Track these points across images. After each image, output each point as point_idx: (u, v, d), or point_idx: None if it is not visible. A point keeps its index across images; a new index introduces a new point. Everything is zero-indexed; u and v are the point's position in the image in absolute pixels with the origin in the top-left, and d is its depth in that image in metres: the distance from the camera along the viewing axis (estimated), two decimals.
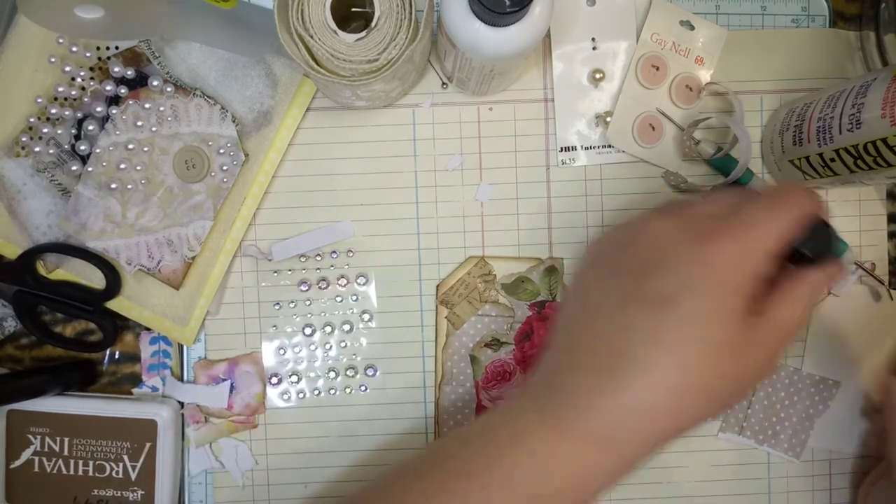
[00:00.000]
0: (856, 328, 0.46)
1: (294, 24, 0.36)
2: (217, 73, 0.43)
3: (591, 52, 0.45)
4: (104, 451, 0.44)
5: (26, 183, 0.42)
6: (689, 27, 0.45)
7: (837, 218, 0.46)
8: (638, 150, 0.45)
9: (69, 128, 0.42)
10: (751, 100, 0.46)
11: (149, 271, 0.43)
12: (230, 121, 0.42)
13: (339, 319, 0.45)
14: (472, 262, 0.45)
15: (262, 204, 0.45)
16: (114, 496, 0.44)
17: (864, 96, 0.37)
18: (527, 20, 0.34)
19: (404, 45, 0.37)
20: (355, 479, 0.45)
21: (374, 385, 0.45)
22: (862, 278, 0.46)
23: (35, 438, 0.44)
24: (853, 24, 0.47)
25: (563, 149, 0.45)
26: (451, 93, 0.45)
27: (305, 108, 0.44)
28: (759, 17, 0.46)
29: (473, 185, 0.45)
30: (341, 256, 0.45)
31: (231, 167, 0.43)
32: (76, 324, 0.46)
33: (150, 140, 0.42)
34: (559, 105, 0.45)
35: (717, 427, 0.46)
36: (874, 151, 0.36)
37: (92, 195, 0.42)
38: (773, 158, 0.45)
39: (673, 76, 0.45)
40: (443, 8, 0.36)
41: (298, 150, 0.45)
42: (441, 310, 0.45)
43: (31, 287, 0.43)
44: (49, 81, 0.42)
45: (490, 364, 0.45)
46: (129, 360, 0.46)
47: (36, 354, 0.46)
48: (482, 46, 0.35)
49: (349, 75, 0.37)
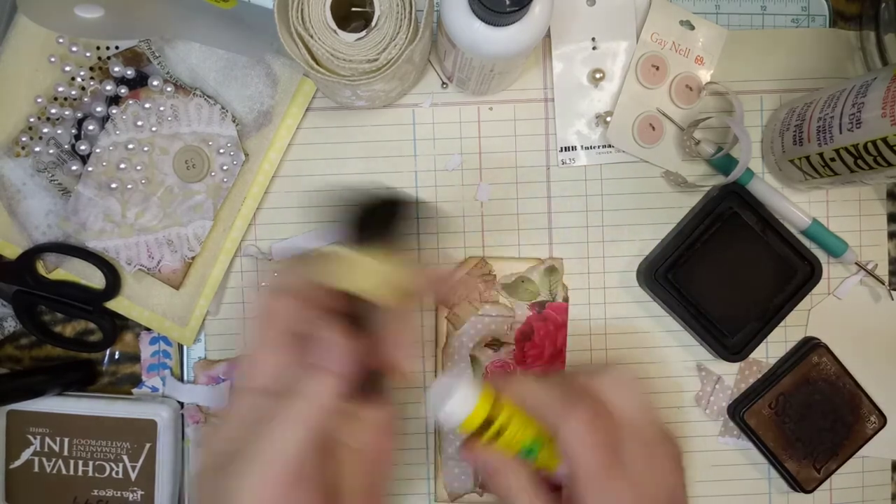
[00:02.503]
0: (856, 328, 0.46)
1: (294, 23, 0.36)
2: (217, 73, 0.43)
3: (591, 51, 0.45)
4: (104, 451, 0.44)
5: (26, 183, 0.42)
6: (689, 27, 0.45)
7: (837, 218, 0.46)
8: (638, 150, 0.45)
9: (69, 128, 0.42)
10: (751, 100, 0.46)
11: (149, 271, 0.43)
12: (230, 121, 0.42)
13: None
14: (472, 262, 0.45)
15: (262, 204, 0.45)
16: (114, 496, 0.44)
17: (865, 96, 0.37)
18: (527, 20, 0.34)
19: (404, 44, 0.37)
20: None
21: None
22: (863, 279, 0.46)
23: (35, 438, 0.44)
24: (853, 24, 0.47)
25: (563, 149, 0.45)
26: (451, 93, 0.45)
27: (305, 108, 0.44)
28: (759, 17, 0.46)
29: (473, 185, 0.45)
30: None
31: (231, 167, 0.43)
32: (76, 324, 0.46)
33: (150, 140, 0.42)
34: (559, 105, 0.45)
35: (717, 429, 0.46)
36: (874, 151, 0.36)
37: (92, 195, 0.42)
38: (773, 158, 0.45)
39: (673, 76, 0.45)
40: (443, 8, 0.36)
41: (298, 150, 0.45)
42: (441, 310, 0.45)
43: (30, 287, 0.43)
44: (49, 81, 0.42)
45: (490, 364, 0.45)
46: (129, 360, 0.46)
47: (36, 354, 0.46)
48: (482, 46, 0.35)
49: (349, 75, 0.37)
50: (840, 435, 0.45)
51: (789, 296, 0.44)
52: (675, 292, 0.44)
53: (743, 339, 0.45)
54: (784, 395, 0.45)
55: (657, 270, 0.44)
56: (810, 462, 0.45)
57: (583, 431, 0.33)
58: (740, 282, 0.44)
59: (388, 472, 0.38)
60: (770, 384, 0.45)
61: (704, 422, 0.46)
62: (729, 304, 0.44)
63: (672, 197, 0.46)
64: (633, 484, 0.33)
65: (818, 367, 0.45)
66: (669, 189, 0.46)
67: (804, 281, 0.44)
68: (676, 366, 0.46)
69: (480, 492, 0.45)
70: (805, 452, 0.45)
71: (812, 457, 0.45)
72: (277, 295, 0.31)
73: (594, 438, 0.33)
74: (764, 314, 0.44)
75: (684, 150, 0.45)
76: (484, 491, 0.45)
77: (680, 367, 0.46)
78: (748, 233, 0.44)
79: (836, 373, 0.45)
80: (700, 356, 0.46)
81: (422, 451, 0.45)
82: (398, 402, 0.45)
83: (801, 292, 0.44)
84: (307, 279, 0.31)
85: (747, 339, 0.44)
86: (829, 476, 0.45)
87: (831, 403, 0.45)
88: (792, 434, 0.45)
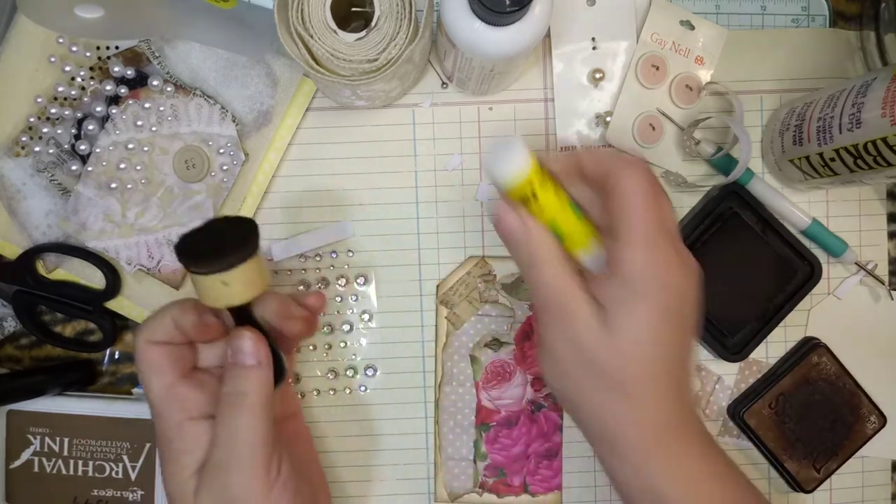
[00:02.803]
0: (856, 328, 0.46)
1: (294, 23, 0.36)
2: (217, 73, 0.43)
3: (591, 51, 0.45)
4: (104, 451, 0.44)
5: (26, 183, 0.42)
6: (689, 27, 0.45)
7: (837, 218, 0.46)
8: (638, 150, 0.45)
9: (69, 128, 0.42)
10: (751, 100, 0.46)
11: (149, 271, 0.43)
12: (230, 120, 0.42)
13: (338, 319, 0.45)
14: (472, 262, 0.45)
15: (262, 204, 0.45)
16: (114, 496, 0.44)
17: (864, 96, 0.37)
18: (527, 20, 0.34)
19: (404, 44, 0.37)
20: (355, 480, 0.45)
21: (374, 385, 0.45)
22: (863, 279, 0.46)
23: (35, 438, 0.44)
24: (853, 24, 0.47)
25: (564, 149, 0.45)
26: (451, 92, 0.45)
27: (305, 108, 0.44)
28: (759, 17, 0.46)
29: (473, 185, 0.45)
30: (341, 256, 0.45)
31: (231, 167, 0.43)
32: (76, 324, 0.46)
33: (150, 140, 0.42)
34: (559, 105, 0.45)
35: (717, 429, 0.46)
36: (874, 151, 0.36)
37: (92, 195, 0.42)
38: (773, 158, 0.45)
39: (673, 76, 0.45)
40: (443, 8, 0.36)
41: (298, 150, 0.45)
42: (441, 310, 0.45)
43: (30, 287, 0.43)
44: (49, 81, 0.42)
45: (490, 364, 0.45)
46: (129, 360, 0.46)
47: (36, 354, 0.46)
48: (482, 46, 0.35)
49: (349, 75, 0.37)
50: (840, 435, 0.45)
51: (789, 296, 0.44)
52: None
53: (743, 339, 0.45)
54: (784, 395, 0.45)
55: None
56: (810, 462, 0.45)
57: (645, 183, 0.31)
58: (740, 282, 0.44)
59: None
60: (770, 384, 0.45)
61: (704, 422, 0.46)
62: (729, 304, 0.44)
63: (672, 197, 0.46)
64: (671, 262, 0.31)
65: (818, 367, 0.45)
66: (669, 189, 0.46)
67: (804, 281, 0.44)
68: None
69: (480, 492, 0.45)
70: (805, 452, 0.45)
71: (812, 457, 0.45)
72: (148, 345, 0.34)
73: (654, 194, 0.31)
74: (764, 314, 0.44)
75: (684, 150, 0.45)
76: (483, 490, 0.45)
77: None
78: (748, 233, 0.44)
79: (835, 373, 0.45)
80: (700, 356, 0.46)
81: (422, 451, 0.45)
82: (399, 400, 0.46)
83: (801, 292, 0.44)
84: (182, 309, 0.34)
85: (747, 339, 0.44)
86: (829, 476, 0.45)
87: (831, 403, 0.45)
88: (792, 434, 0.45)
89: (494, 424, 0.45)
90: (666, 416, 0.32)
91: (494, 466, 0.45)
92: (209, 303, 0.33)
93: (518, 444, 0.45)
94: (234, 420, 0.32)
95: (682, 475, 0.32)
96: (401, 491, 0.45)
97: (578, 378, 0.33)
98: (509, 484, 0.45)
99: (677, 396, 0.33)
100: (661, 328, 0.31)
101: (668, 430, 0.32)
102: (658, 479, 0.32)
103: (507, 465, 0.45)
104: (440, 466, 0.45)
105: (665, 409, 0.32)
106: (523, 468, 0.45)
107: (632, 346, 0.31)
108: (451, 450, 0.45)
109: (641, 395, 0.32)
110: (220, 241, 0.33)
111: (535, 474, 0.45)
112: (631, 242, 0.31)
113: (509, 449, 0.45)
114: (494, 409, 0.45)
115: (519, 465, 0.45)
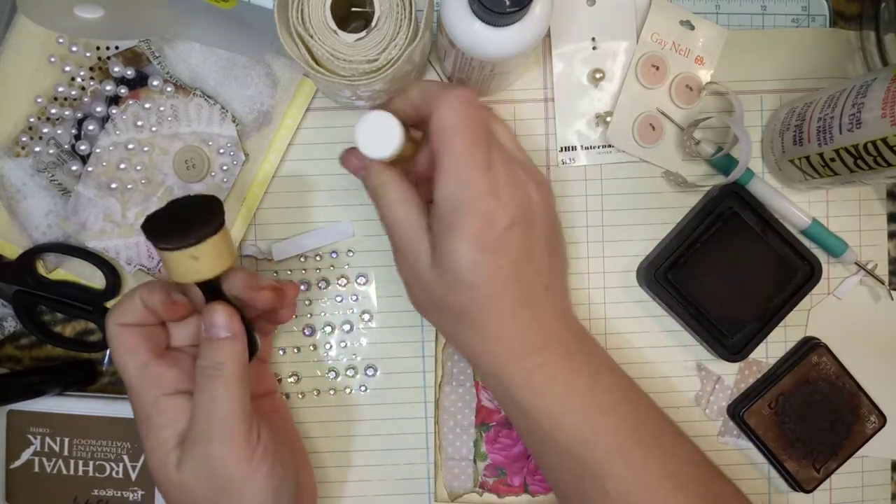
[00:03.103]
0: (856, 328, 0.46)
1: (294, 23, 0.36)
2: (217, 73, 0.43)
3: (591, 51, 0.45)
4: (104, 451, 0.44)
5: (26, 183, 0.42)
6: (689, 27, 0.45)
7: (837, 218, 0.46)
8: (638, 150, 0.45)
9: (69, 128, 0.42)
10: (751, 100, 0.46)
11: (149, 271, 0.43)
12: (230, 121, 0.42)
13: (339, 319, 0.45)
14: None
15: (262, 204, 0.45)
16: (114, 496, 0.44)
17: (864, 96, 0.37)
18: (527, 20, 0.34)
19: (404, 45, 0.37)
20: (355, 480, 0.45)
21: (374, 385, 0.45)
22: (863, 279, 0.46)
23: (35, 438, 0.44)
24: (853, 24, 0.47)
25: (563, 149, 0.45)
26: None
27: (305, 108, 0.44)
28: (759, 17, 0.46)
29: None
30: (341, 256, 0.45)
31: (231, 167, 0.43)
32: (76, 324, 0.46)
33: (150, 140, 0.42)
34: (559, 105, 0.45)
35: (717, 429, 0.46)
36: (874, 151, 0.36)
37: (92, 195, 0.42)
38: (773, 158, 0.45)
39: (673, 76, 0.45)
40: (443, 8, 0.36)
41: (298, 150, 0.45)
42: None
43: (30, 287, 0.43)
44: (49, 81, 0.42)
45: None
46: None
47: (36, 354, 0.46)
48: (482, 46, 0.35)
49: (349, 75, 0.37)
50: (840, 435, 0.45)
51: (789, 296, 0.44)
52: (675, 292, 0.44)
53: (743, 338, 0.45)
54: (784, 395, 0.45)
55: (657, 270, 0.44)
56: (810, 462, 0.45)
57: (458, 109, 0.32)
58: (740, 282, 0.44)
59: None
60: (770, 384, 0.45)
61: (704, 422, 0.46)
62: (729, 303, 0.44)
63: (672, 197, 0.46)
64: (493, 182, 0.32)
65: (818, 367, 0.45)
66: (669, 189, 0.46)
67: (804, 281, 0.44)
68: (676, 366, 0.46)
69: (480, 492, 0.45)
70: (805, 452, 0.45)
71: (812, 456, 0.45)
72: (119, 328, 0.35)
73: (470, 118, 0.32)
74: (764, 314, 0.44)
75: (684, 150, 0.45)
76: (483, 490, 0.45)
77: (680, 367, 0.46)
78: (748, 233, 0.44)
79: (835, 373, 0.45)
80: (700, 356, 0.46)
81: (422, 451, 0.46)
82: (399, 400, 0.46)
83: (800, 292, 0.44)
84: (150, 291, 0.35)
85: (747, 338, 0.44)
86: (829, 476, 0.45)
87: (831, 403, 0.45)
88: (792, 434, 0.45)
89: (494, 424, 0.45)
90: (520, 334, 0.33)
91: (494, 466, 0.45)
92: (179, 279, 0.34)
93: (518, 444, 0.45)
94: (212, 391, 0.33)
95: (537, 385, 0.34)
96: (400, 491, 0.45)
97: (433, 314, 0.36)
98: (509, 484, 0.45)
99: (533, 315, 0.34)
100: (483, 254, 0.32)
101: (523, 346, 0.34)
102: (518, 393, 0.34)
103: (508, 465, 0.45)
104: (440, 466, 0.45)
105: (517, 328, 0.33)
106: (523, 468, 0.45)
107: (455, 278, 0.32)
108: (451, 450, 0.45)
109: (485, 323, 0.33)
110: (188, 218, 0.34)
111: (535, 474, 0.45)
112: (439, 173, 0.32)
113: (509, 449, 0.45)
114: (495, 408, 0.45)
115: (519, 465, 0.45)
